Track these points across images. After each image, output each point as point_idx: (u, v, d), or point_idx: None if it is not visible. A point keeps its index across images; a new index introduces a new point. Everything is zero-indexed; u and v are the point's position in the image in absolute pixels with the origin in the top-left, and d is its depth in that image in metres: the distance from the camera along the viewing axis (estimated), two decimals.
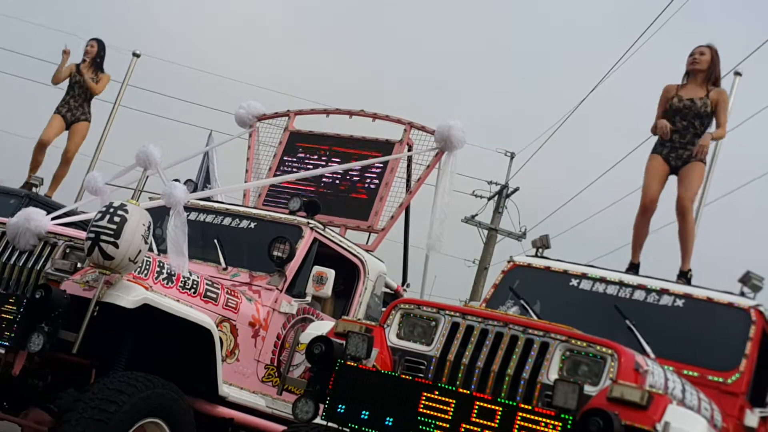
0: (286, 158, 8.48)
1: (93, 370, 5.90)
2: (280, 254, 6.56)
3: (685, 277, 6.49)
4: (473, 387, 4.34)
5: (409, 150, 8.13)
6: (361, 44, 58.02)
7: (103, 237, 5.34)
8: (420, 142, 8.10)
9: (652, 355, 5.16)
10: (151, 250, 6.25)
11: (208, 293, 6.10)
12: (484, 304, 5.82)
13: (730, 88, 7.79)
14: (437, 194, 7.77)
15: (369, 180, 7.99)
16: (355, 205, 7.87)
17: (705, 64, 6.95)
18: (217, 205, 7.39)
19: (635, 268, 6.62)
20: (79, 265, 5.73)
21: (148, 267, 5.75)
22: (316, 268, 6.58)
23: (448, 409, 4.04)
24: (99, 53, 10.05)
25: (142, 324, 5.77)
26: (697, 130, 6.83)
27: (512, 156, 23.21)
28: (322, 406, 4.31)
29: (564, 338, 4.35)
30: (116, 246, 5.34)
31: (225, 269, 6.76)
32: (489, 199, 23.09)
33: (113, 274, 5.47)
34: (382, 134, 8.30)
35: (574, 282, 5.87)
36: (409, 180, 8.20)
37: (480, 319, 4.56)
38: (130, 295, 5.51)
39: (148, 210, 5.68)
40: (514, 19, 56.46)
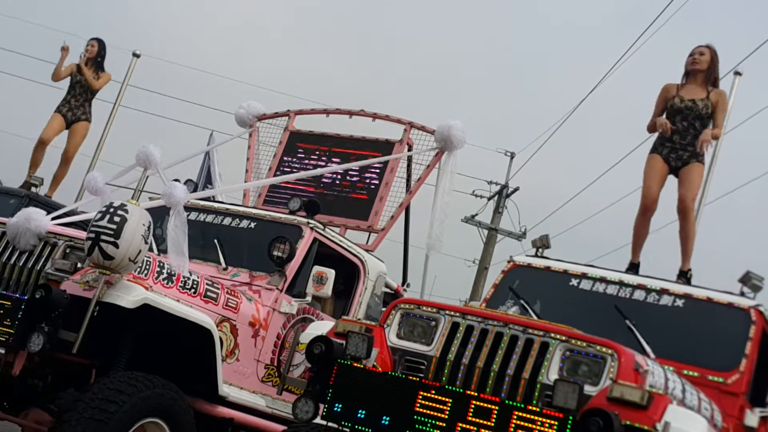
0: (286, 158, 8.47)
1: (93, 370, 5.90)
2: (280, 254, 6.56)
3: (685, 276, 6.49)
4: (473, 387, 4.34)
5: (409, 150, 8.13)
6: (361, 44, 58.06)
7: (103, 237, 5.34)
8: (420, 142, 8.10)
9: (652, 355, 5.16)
10: (151, 250, 6.25)
11: (208, 293, 6.10)
12: (484, 304, 5.82)
13: (730, 88, 7.79)
14: (437, 194, 7.77)
15: (369, 180, 7.98)
16: (355, 205, 7.86)
17: (705, 64, 6.95)
18: (217, 205, 7.39)
19: (635, 268, 6.62)
20: (79, 265, 5.73)
21: (148, 267, 5.75)
22: (316, 268, 6.58)
23: (444, 408, 4.05)
24: (99, 53, 10.06)
25: (142, 324, 5.77)
26: (697, 131, 6.82)
27: (512, 156, 23.22)
28: (322, 406, 4.32)
29: (564, 338, 4.35)
30: (116, 246, 5.34)
31: (225, 269, 6.76)
32: (489, 199, 23.10)
33: (113, 274, 5.47)
34: (382, 134, 8.30)
35: (574, 282, 5.87)
36: (409, 180, 8.20)
37: (480, 319, 4.56)
38: (130, 295, 5.51)
39: (148, 210, 5.67)
40: (514, 19, 56.52)
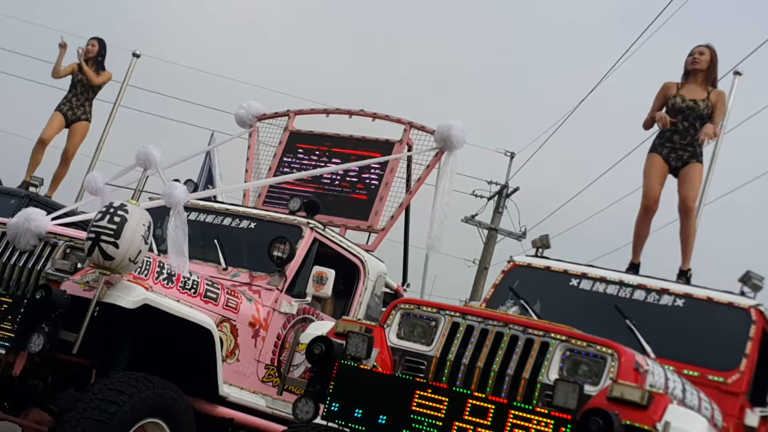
0: (286, 158, 8.47)
1: (93, 371, 5.90)
2: (280, 254, 6.56)
3: (684, 276, 6.49)
4: (473, 387, 4.34)
5: (409, 150, 8.13)
6: (361, 44, 58.05)
7: (104, 237, 5.34)
8: (420, 142, 8.10)
9: (653, 355, 5.16)
10: (151, 250, 6.25)
11: (208, 293, 6.10)
12: (484, 304, 5.82)
13: (730, 88, 7.78)
14: (437, 194, 7.77)
15: (369, 180, 7.98)
16: (355, 205, 7.86)
17: (705, 63, 6.95)
18: (217, 205, 7.39)
19: (635, 268, 6.62)
20: (79, 265, 5.73)
21: (148, 267, 5.75)
22: (316, 268, 6.58)
23: (440, 407, 4.05)
24: (100, 52, 10.06)
25: (142, 324, 5.77)
26: (697, 131, 6.83)
27: (512, 156, 23.22)
28: (322, 406, 4.32)
29: (564, 338, 4.35)
30: (116, 246, 5.34)
31: (225, 269, 6.76)
32: (489, 199, 23.10)
33: (113, 274, 5.46)
34: (382, 134, 8.30)
35: (574, 282, 5.87)
36: (409, 180, 8.19)
37: (480, 319, 4.56)
38: (130, 296, 5.51)
39: (148, 210, 5.67)
40: (514, 19, 56.51)
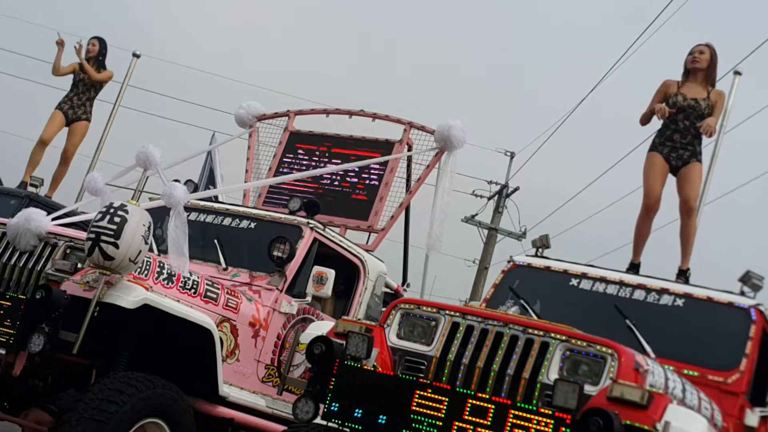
0: (286, 158, 8.47)
1: (93, 371, 5.90)
2: (280, 254, 6.56)
3: (684, 275, 6.49)
4: (473, 387, 4.34)
5: (409, 150, 8.13)
6: (361, 44, 58.04)
7: (104, 237, 5.34)
8: (420, 142, 8.10)
9: (653, 355, 5.16)
10: (151, 250, 6.25)
11: (209, 293, 6.10)
12: (484, 304, 5.82)
13: (730, 88, 7.78)
14: (437, 194, 7.76)
15: (369, 180, 7.98)
16: (355, 205, 7.86)
17: (705, 63, 6.95)
18: (217, 205, 7.39)
19: (635, 268, 6.62)
20: (79, 265, 5.73)
21: (148, 267, 5.75)
22: (316, 268, 6.58)
23: (440, 407, 4.05)
24: (101, 51, 10.06)
25: (142, 324, 5.78)
26: (697, 130, 6.83)
27: (512, 156, 23.21)
28: (322, 406, 4.32)
29: (564, 338, 4.35)
30: (116, 246, 5.34)
31: (225, 269, 6.76)
32: (489, 198, 23.10)
33: (113, 274, 5.47)
34: (382, 134, 8.30)
35: (574, 282, 5.87)
36: (409, 180, 8.19)
37: (480, 319, 4.56)
38: (130, 296, 5.51)
39: (149, 210, 5.67)
40: (514, 19, 56.49)
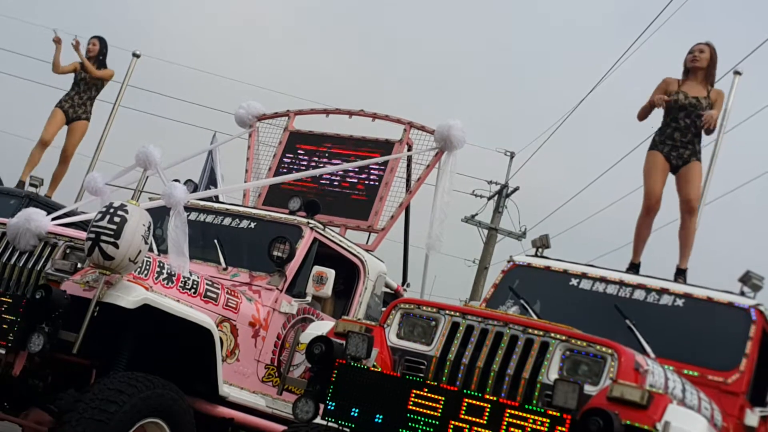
0: (286, 158, 8.47)
1: (93, 371, 5.90)
2: (280, 254, 6.56)
3: (683, 275, 6.50)
4: (473, 387, 4.34)
5: (409, 150, 8.13)
6: (361, 44, 58.03)
7: (103, 237, 5.34)
8: (420, 142, 8.10)
9: (652, 355, 5.16)
10: (151, 250, 6.25)
11: (209, 293, 6.10)
12: (484, 304, 5.82)
13: (730, 88, 7.78)
14: (437, 194, 7.76)
15: (369, 180, 7.98)
16: (355, 204, 7.86)
17: (705, 62, 6.96)
18: (217, 205, 7.39)
19: (635, 268, 6.62)
20: (79, 265, 5.73)
21: (148, 267, 5.75)
22: (316, 268, 6.58)
23: (437, 406, 4.06)
24: (101, 51, 10.06)
25: (142, 324, 5.77)
26: (698, 129, 6.84)
27: (512, 156, 23.22)
28: (322, 406, 4.32)
29: (564, 338, 4.35)
30: (116, 246, 5.34)
31: (225, 269, 6.76)
32: (489, 198, 23.10)
33: (113, 274, 5.47)
34: (382, 134, 8.29)
35: (574, 282, 5.87)
36: (409, 180, 8.19)
37: (480, 319, 4.56)
38: (130, 296, 5.51)
39: (148, 210, 5.68)
40: (514, 19, 56.47)
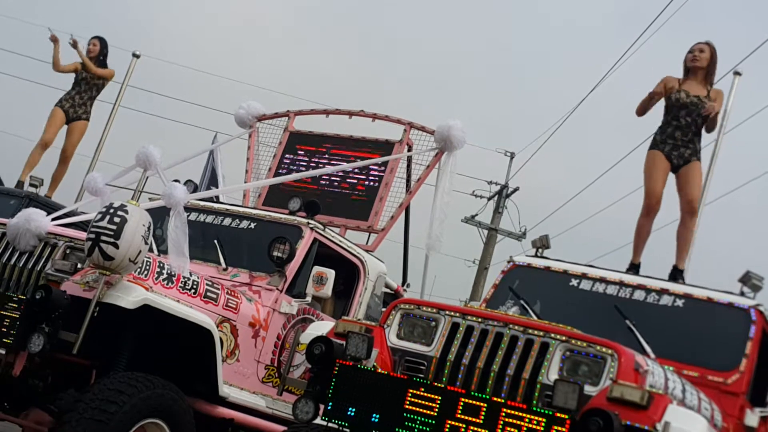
0: (286, 158, 8.47)
1: (93, 371, 5.90)
2: (280, 254, 6.56)
3: (681, 275, 6.50)
4: (473, 387, 4.34)
5: (409, 150, 8.13)
6: (361, 44, 58.02)
7: (103, 238, 5.34)
8: (420, 143, 8.10)
9: (652, 355, 5.16)
10: (151, 250, 6.25)
11: (209, 294, 6.10)
12: (484, 305, 5.82)
13: (730, 88, 7.78)
14: (437, 194, 7.76)
15: (369, 180, 7.98)
16: (355, 205, 7.86)
17: (705, 61, 6.96)
18: (217, 205, 7.39)
19: (635, 268, 6.61)
20: (79, 265, 5.73)
21: (148, 267, 5.75)
22: (316, 269, 6.58)
23: (433, 405, 4.06)
24: (102, 51, 10.06)
25: (142, 324, 5.78)
26: (699, 127, 6.85)
27: (512, 156, 23.22)
28: (322, 407, 4.32)
29: (564, 338, 4.35)
30: (116, 246, 5.34)
31: (225, 270, 6.76)
32: (489, 199, 23.10)
33: (113, 274, 5.47)
34: (382, 134, 8.29)
35: (574, 282, 5.87)
36: (409, 180, 8.19)
37: (480, 320, 4.56)
38: (130, 296, 5.51)
39: (148, 210, 5.68)
40: (514, 19, 56.47)
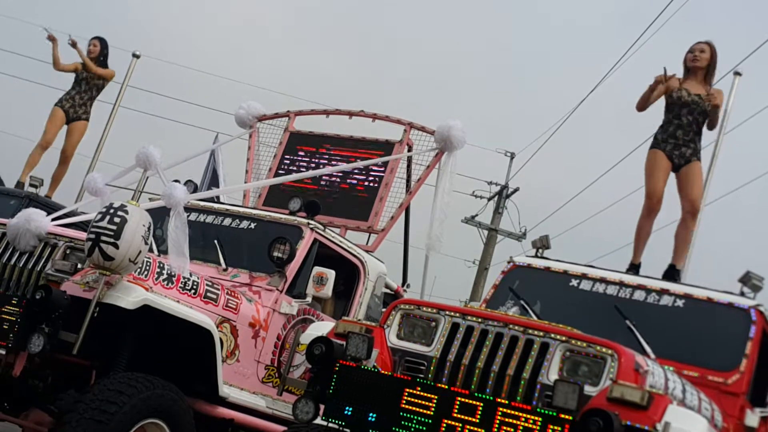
0: (286, 159, 8.47)
1: (93, 371, 5.90)
2: (280, 255, 6.56)
3: (678, 274, 6.51)
4: (473, 388, 4.34)
5: (409, 150, 8.13)
6: (361, 44, 58.04)
7: (103, 238, 5.34)
8: (420, 143, 8.10)
9: (653, 355, 5.15)
10: (151, 250, 6.25)
11: (209, 294, 6.10)
12: (484, 305, 5.82)
13: (730, 88, 7.78)
14: (437, 194, 7.76)
15: (369, 180, 7.98)
16: (355, 205, 7.86)
17: (705, 62, 6.97)
18: (217, 205, 7.39)
19: (636, 268, 6.61)
20: (79, 265, 5.73)
21: (148, 268, 5.75)
22: (317, 269, 6.58)
23: (430, 404, 4.06)
24: (102, 51, 10.07)
25: (142, 325, 5.77)
26: (699, 126, 6.87)
27: (512, 156, 23.22)
28: (322, 407, 4.32)
29: (564, 338, 4.35)
30: (116, 247, 5.34)
31: (225, 270, 6.76)
32: (489, 199, 23.10)
33: (113, 274, 5.47)
34: (382, 134, 8.29)
35: (574, 282, 5.87)
36: (409, 180, 8.19)
37: (480, 320, 4.56)
38: (130, 296, 5.51)
39: (148, 211, 5.68)
40: (514, 19, 56.50)
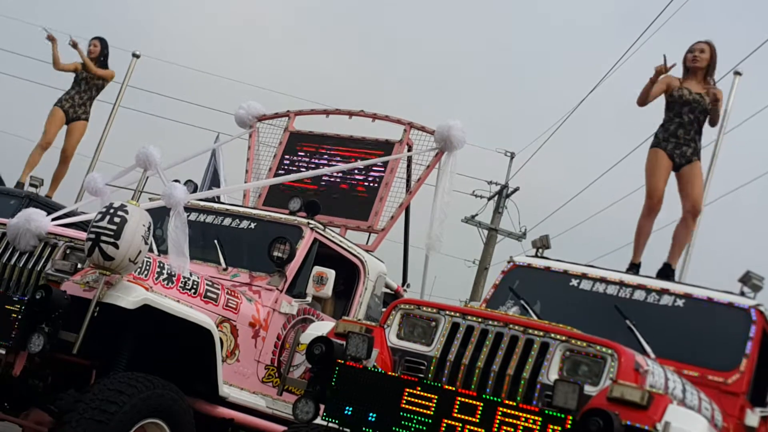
0: (286, 159, 8.47)
1: (93, 371, 5.90)
2: (280, 254, 6.56)
3: (672, 272, 6.52)
4: (473, 387, 4.34)
5: (409, 150, 8.13)
6: (361, 44, 58.04)
7: (103, 238, 5.35)
8: (420, 143, 8.10)
9: (653, 355, 5.15)
10: (151, 250, 6.25)
11: (209, 294, 6.10)
12: (484, 305, 5.82)
13: (730, 88, 7.79)
14: (437, 194, 7.76)
15: (369, 180, 7.98)
16: (355, 205, 7.86)
17: (705, 62, 6.97)
18: (217, 205, 7.39)
19: (636, 268, 6.62)
20: (79, 265, 5.73)
21: (148, 267, 5.75)
22: (317, 269, 6.58)
23: (430, 404, 4.06)
24: (102, 52, 10.07)
25: (142, 324, 5.78)
26: (700, 125, 6.87)
27: (512, 156, 23.22)
28: (322, 407, 4.32)
29: (564, 338, 4.35)
30: (116, 247, 5.34)
31: (225, 270, 6.76)
32: (489, 199, 23.11)
33: (113, 274, 5.47)
34: (382, 134, 8.29)
35: (574, 282, 5.87)
36: (409, 180, 8.19)
37: (480, 320, 4.56)
38: (130, 296, 5.51)
39: (148, 210, 5.68)
40: (514, 19, 56.50)
